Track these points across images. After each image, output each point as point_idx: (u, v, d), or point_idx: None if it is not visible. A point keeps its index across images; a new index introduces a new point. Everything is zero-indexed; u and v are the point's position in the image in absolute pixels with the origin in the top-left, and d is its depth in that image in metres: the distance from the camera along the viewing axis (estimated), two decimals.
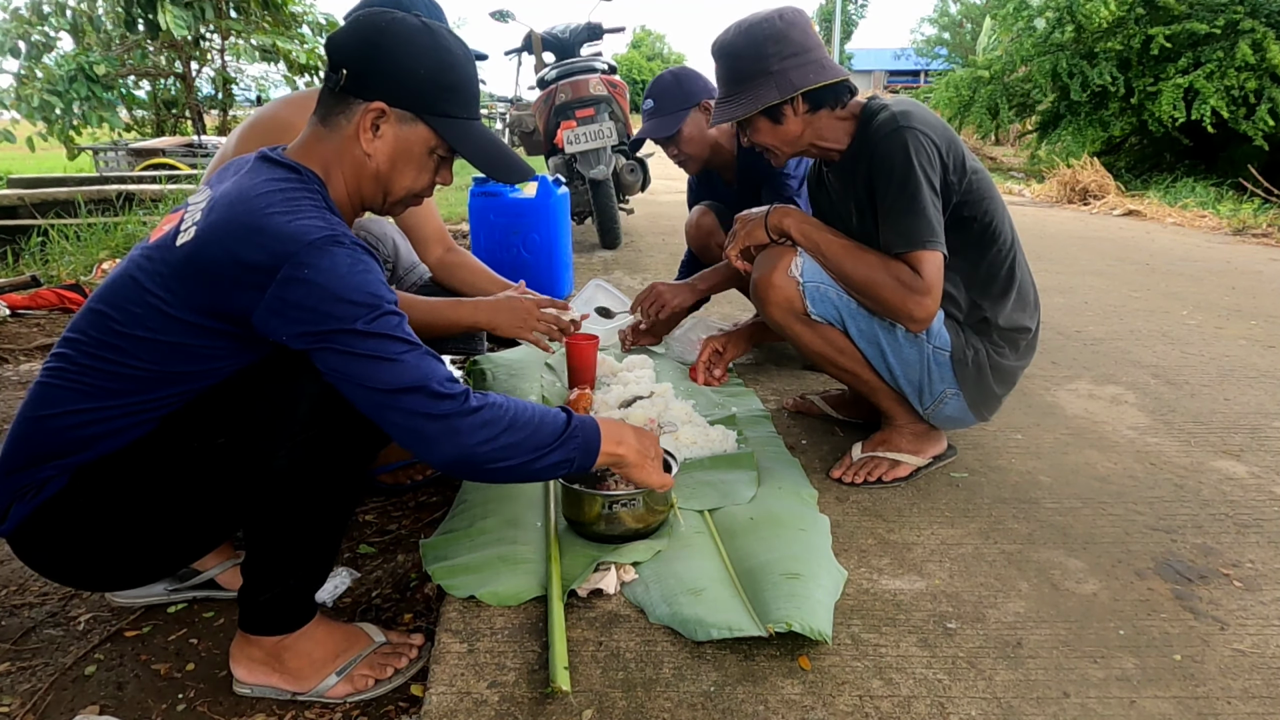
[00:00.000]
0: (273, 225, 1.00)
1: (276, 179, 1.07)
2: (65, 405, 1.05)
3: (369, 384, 1.00)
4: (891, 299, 1.54)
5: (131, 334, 1.04)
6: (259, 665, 1.18)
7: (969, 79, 9.88)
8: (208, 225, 1.03)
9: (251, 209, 1.02)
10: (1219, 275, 4.13)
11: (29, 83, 8.70)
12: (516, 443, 1.07)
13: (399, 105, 1.11)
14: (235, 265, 0.99)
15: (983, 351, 1.67)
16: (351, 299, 0.99)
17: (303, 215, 1.02)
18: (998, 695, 1.10)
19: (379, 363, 1.00)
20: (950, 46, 19.97)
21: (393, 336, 1.01)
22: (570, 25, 5.04)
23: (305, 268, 0.98)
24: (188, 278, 1.03)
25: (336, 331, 0.98)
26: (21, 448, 1.07)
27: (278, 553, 1.12)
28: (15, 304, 3.40)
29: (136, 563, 1.14)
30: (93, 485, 1.06)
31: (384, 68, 1.10)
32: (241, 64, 11.19)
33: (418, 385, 1.01)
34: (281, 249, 0.98)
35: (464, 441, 1.03)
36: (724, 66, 1.68)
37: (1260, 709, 1.09)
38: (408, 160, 1.15)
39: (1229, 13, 7.43)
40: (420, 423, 1.01)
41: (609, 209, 4.67)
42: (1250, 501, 1.68)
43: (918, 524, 1.57)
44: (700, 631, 1.19)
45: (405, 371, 1.00)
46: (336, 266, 0.99)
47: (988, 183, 1.64)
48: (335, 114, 1.13)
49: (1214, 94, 7.23)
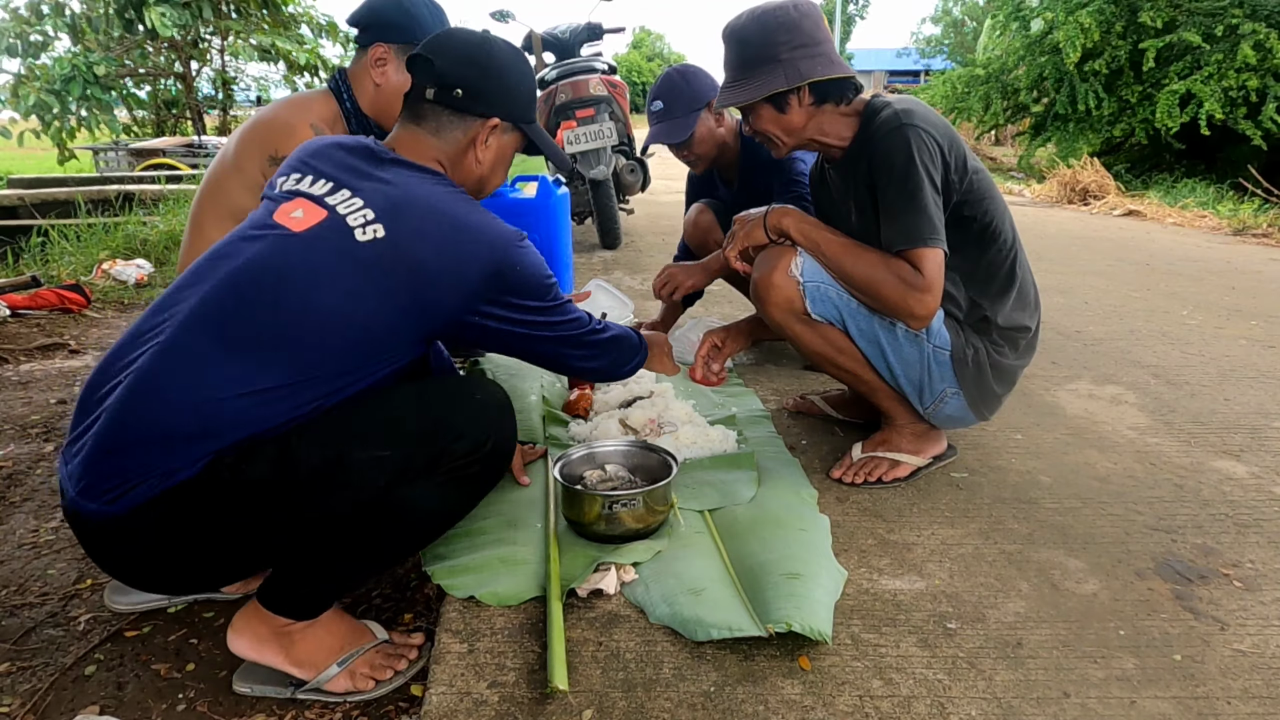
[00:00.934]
0: (481, 228, 1.17)
1: (438, 182, 1.22)
2: (212, 378, 1.02)
3: (556, 344, 1.29)
4: (892, 296, 1.54)
5: (307, 316, 1.07)
6: (264, 641, 1.17)
7: (966, 77, 9.92)
8: (404, 224, 1.12)
9: (454, 212, 1.17)
10: (1219, 275, 4.13)
11: (27, 82, 8.69)
12: (626, 355, 1.47)
13: (507, 119, 1.30)
14: (453, 265, 1.13)
15: (982, 350, 1.67)
16: (548, 285, 1.25)
17: (488, 216, 1.21)
18: (998, 695, 1.10)
19: (565, 324, 1.30)
20: (951, 46, 19.97)
21: (565, 304, 1.29)
22: (570, 25, 5.03)
23: (517, 265, 1.19)
24: (387, 273, 1.10)
25: (541, 306, 1.24)
26: (161, 422, 1.00)
27: (349, 562, 1.14)
28: (15, 304, 3.39)
29: (217, 566, 1.11)
30: (234, 473, 1.01)
31: (494, 87, 1.27)
32: (241, 64, 11.18)
33: (581, 335, 1.34)
34: (496, 250, 1.17)
35: (607, 359, 1.42)
36: (733, 51, 1.68)
37: (1260, 709, 1.09)
38: (502, 163, 1.34)
39: (1227, 16, 7.41)
40: (590, 354, 1.36)
41: (609, 209, 4.67)
42: (1250, 501, 1.68)
43: (918, 524, 1.57)
44: (700, 631, 1.19)
45: (577, 327, 1.32)
46: (534, 260, 1.22)
47: (989, 183, 1.64)
48: (450, 127, 1.26)
49: (1211, 97, 7.21)
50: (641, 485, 1.56)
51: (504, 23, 5.33)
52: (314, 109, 1.74)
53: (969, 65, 10.50)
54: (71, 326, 3.31)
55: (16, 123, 9.35)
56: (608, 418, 1.93)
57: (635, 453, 1.64)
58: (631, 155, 4.87)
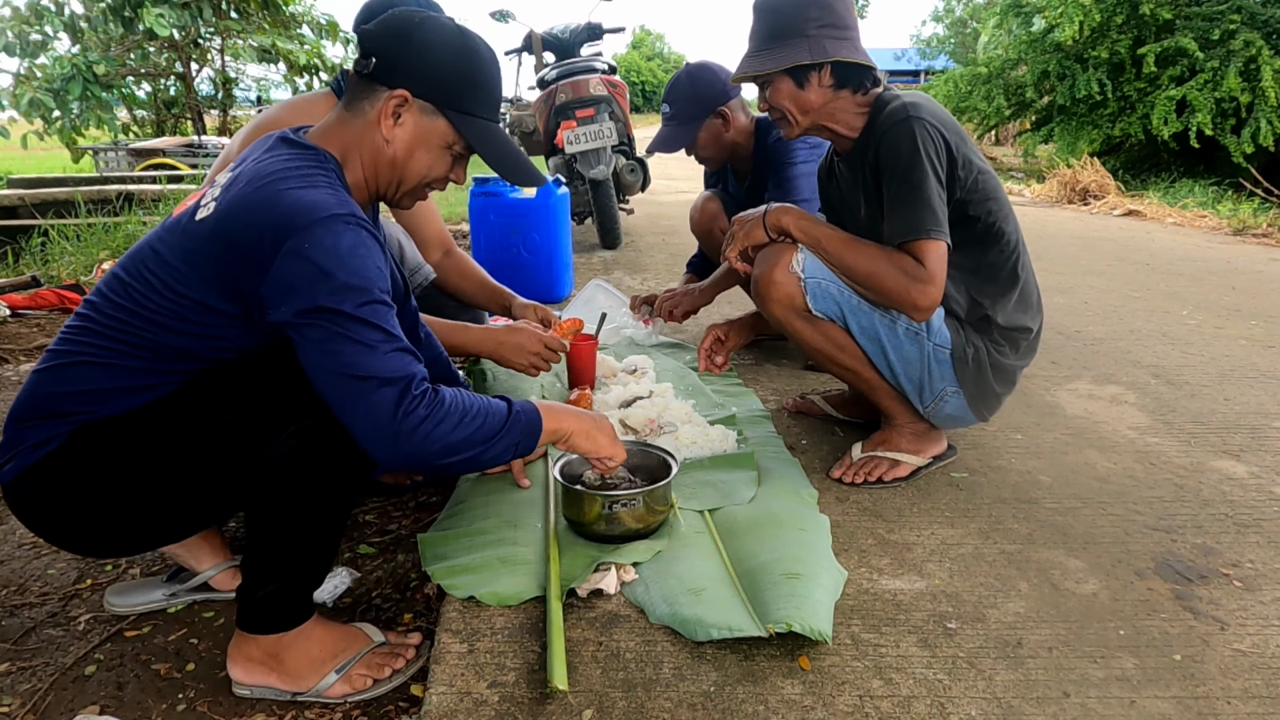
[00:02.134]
0: (285, 199, 1.03)
1: (293, 156, 1.11)
2: (82, 359, 1.09)
3: (344, 369, 1.01)
4: (895, 289, 1.54)
5: (147, 302, 1.08)
6: (257, 665, 1.18)
7: (969, 76, 9.93)
8: (227, 201, 1.07)
9: (266, 184, 1.05)
10: (1219, 275, 4.13)
11: (26, 82, 8.69)
12: (467, 437, 1.08)
13: (422, 96, 1.15)
14: (249, 238, 1.02)
15: (983, 350, 1.67)
16: (346, 280, 1.01)
17: (315, 189, 1.06)
18: (998, 695, 1.10)
19: (359, 348, 1.01)
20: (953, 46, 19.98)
21: (378, 326, 1.02)
22: (570, 25, 5.03)
23: (307, 242, 1.00)
24: (205, 252, 1.06)
25: (325, 310, 1.00)
26: (34, 401, 1.09)
27: (277, 545, 1.12)
28: (15, 304, 3.40)
29: (124, 530, 1.14)
30: (93, 444, 1.07)
31: (412, 59, 1.14)
32: (241, 64, 11.19)
33: (391, 379, 1.02)
34: (289, 222, 1.01)
35: (420, 443, 1.04)
36: (762, 21, 1.68)
37: (1260, 709, 1.09)
38: (425, 151, 1.18)
39: (1224, 22, 7.41)
40: (381, 416, 1.01)
41: (609, 209, 4.67)
42: (1250, 501, 1.68)
43: (918, 524, 1.57)
44: (700, 631, 1.19)
45: (382, 363, 1.02)
46: (338, 245, 1.01)
47: (995, 184, 1.65)
48: (359, 99, 1.16)
49: (1204, 108, 7.23)
50: (641, 485, 1.56)
51: (504, 22, 5.33)
52: (317, 110, 1.74)
53: (971, 64, 10.51)
54: None
55: (17, 122, 9.35)
56: (608, 418, 1.93)
57: (635, 453, 1.64)
58: (631, 155, 4.87)
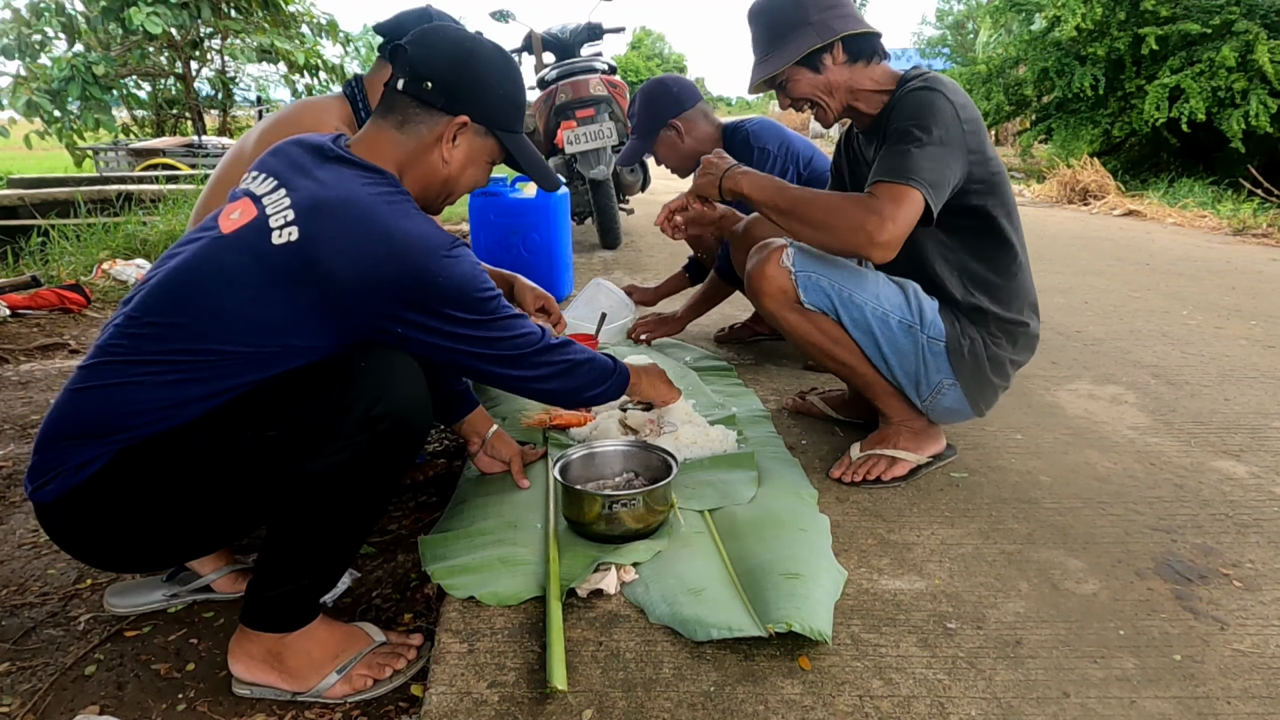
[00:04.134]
0: (395, 234, 1.10)
1: (371, 181, 1.15)
2: (131, 379, 1.07)
3: (493, 361, 1.23)
4: (849, 224, 1.48)
5: (217, 325, 1.07)
6: (258, 663, 1.18)
7: (968, 75, 9.95)
8: (319, 229, 1.08)
9: (365, 214, 1.10)
10: (1219, 275, 4.13)
11: (25, 83, 8.70)
12: (595, 379, 1.41)
13: (479, 120, 1.24)
14: (362, 273, 1.08)
15: (979, 341, 1.67)
16: (481, 299, 1.18)
17: (410, 219, 1.13)
18: (998, 695, 1.10)
19: (504, 340, 1.23)
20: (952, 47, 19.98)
21: (509, 318, 1.23)
22: (570, 25, 5.03)
23: (440, 275, 1.12)
24: (298, 282, 1.08)
25: (473, 319, 1.18)
26: (76, 421, 1.08)
27: (298, 552, 1.13)
28: (15, 304, 3.40)
29: (159, 546, 1.15)
30: (138, 463, 1.07)
31: (471, 85, 1.22)
32: (240, 64, 11.19)
33: (527, 352, 1.27)
34: (415, 261, 1.10)
35: (567, 382, 1.35)
36: (762, 24, 1.70)
37: (1260, 709, 1.09)
38: (474, 167, 1.29)
39: (1224, 13, 7.42)
40: (538, 373, 1.29)
41: (609, 209, 4.67)
42: (1250, 501, 1.68)
43: (918, 524, 1.57)
44: (700, 631, 1.19)
45: (523, 343, 1.26)
46: (465, 271, 1.15)
47: (1002, 179, 1.66)
48: (416, 121, 1.21)
49: (1198, 94, 7.24)
50: (641, 485, 1.56)
51: (504, 22, 5.33)
52: (331, 112, 1.77)
53: (970, 64, 10.52)
54: (71, 326, 3.31)
55: (17, 122, 9.35)
56: (608, 418, 1.93)
57: (635, 453, 1.64)
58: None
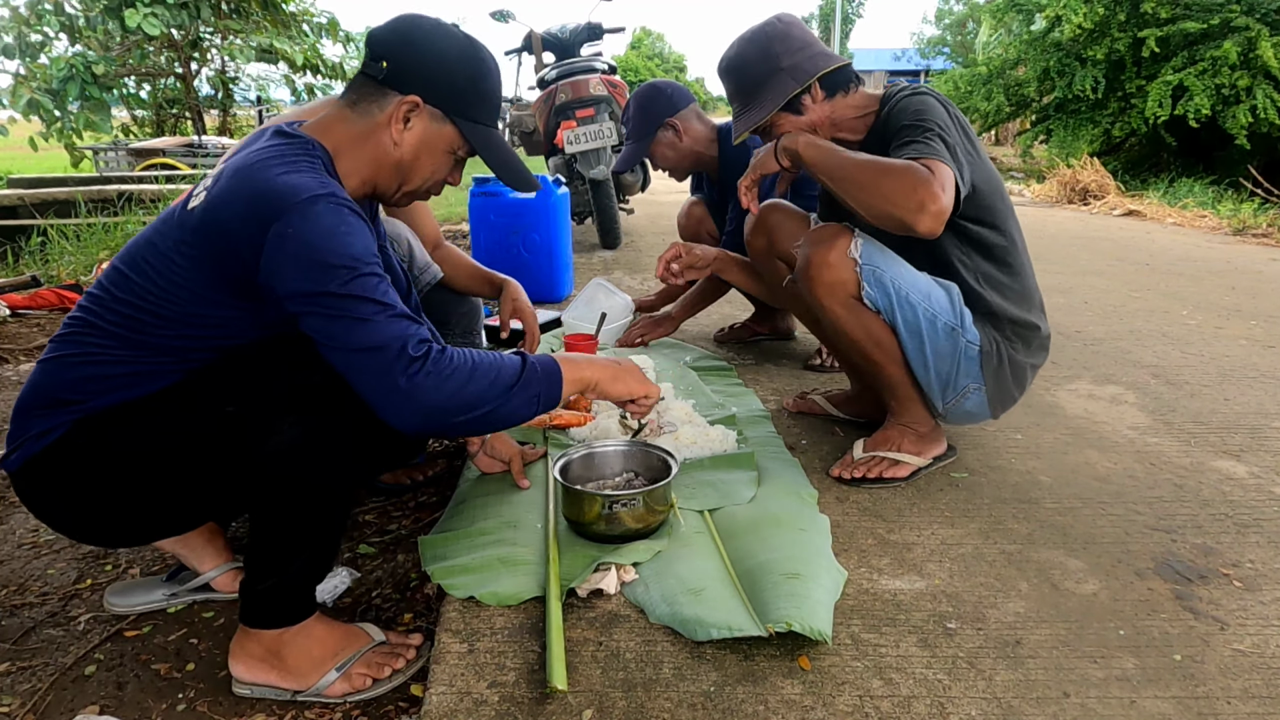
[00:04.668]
0: (265, 184, 1.04)
1: (280, 144, 1.12)
2: (85, 352, 1.11)
3: (342, 344, 1.03)
4: (904, 188, 1.42)
5: (147, 295, 1.10)
6: (257, 662, 1.18)
7: (969, 76, 9.96)
8: (216, 191, 1.08)
9: (252, 171, 1.06)
10: (1219, 275, 4.13)
11: (25, 83, 8.70)
12: (481, 392, 1.08)
13: (433, 103, 1.19)
14: (234, 226, 1.04)
15: (1001, 344, 1.68)
16: (329, 261, 1.02)
17: (295, 172, 1.06)
18: (998, 695, 1.10)
19: (349, 322, 1.02)
20: (952, 47, 19.99)
21: (366, 298, 1.03)
22: (570, 25, 5.03)
23: (290, 225, 1.01)
24: (196, 243, 1.08)
25: (314, 292, 1.02)
26: (38, 391, 1.12)
27: (277, 539, 1.13)
28: (15, 304, 3.40)
29: (127, 519, 1.16)
30: (95, 435, 1.09)
31: (425, 66, 1.18)
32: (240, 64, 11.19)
33: (384, 345, 1.03)
34: (270, 206, 1.02)
35: (432, 399, 1.04)
36: (736, 79, 1.73)
37: (1260, 709, 1.09)
38: (430, 155, 1.22)
39: (1225, 11, 7.43)
40: (389, 382, 1.03)
41: (609, 209, 4.67)
42: (1250, 501, 1.68)
43: (918, 524, 1.57)
44: (700, 631, 1.19)
45: (372, 331, 1.03)
46: (319, 226, 1.02)
47: (996, 181, 1.66)
48: (368, 101, 1.18)
49: (1202, 91, 7.24)
50: (641, 485, 1.56)
51: (504, 22, 5.33)
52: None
53: (970, 65, 10.53)
54: None
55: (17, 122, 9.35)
56: (608, 418, 1.93)
57: (635, 453, 1.64)
58: None
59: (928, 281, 1.66)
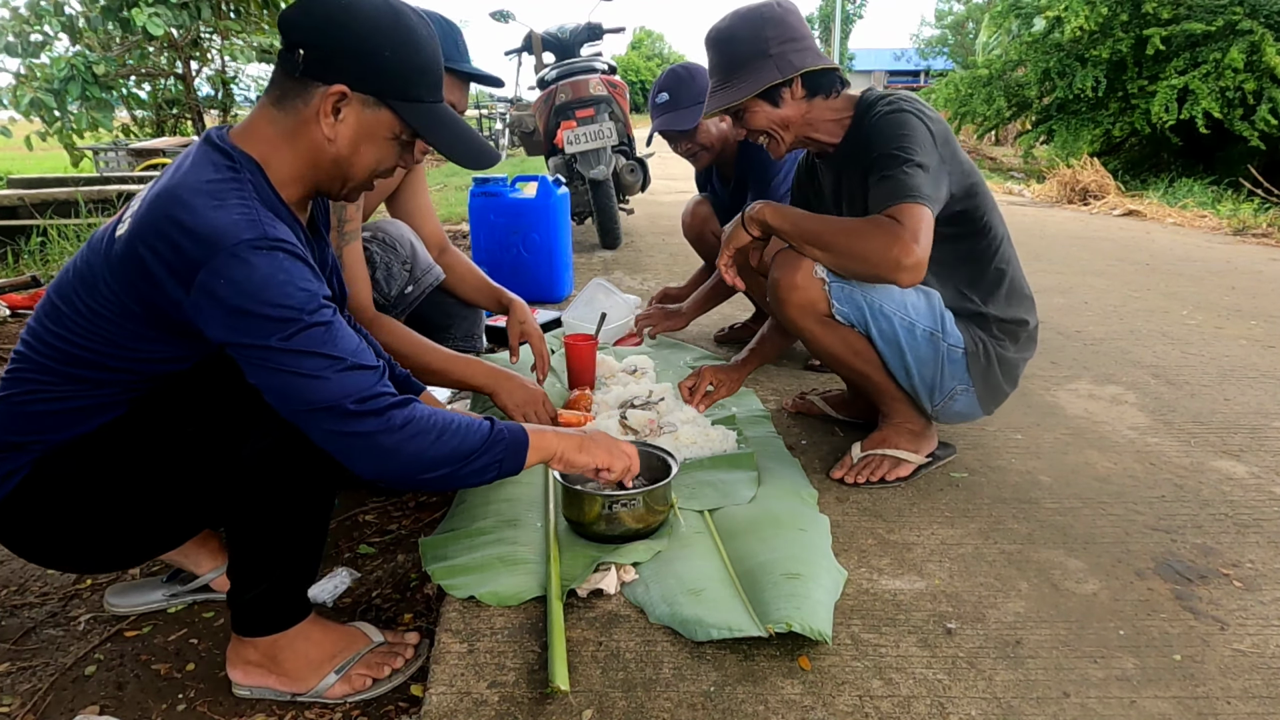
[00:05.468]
0: (190, 222, 0.95)
1: (205, 167, 1.02)
2: (28, 386, 1.05)
3: (292, 402, 0.98)
4: (876, 250, 1.46)
5: (76, 328, 1.03)
6: (255, 668, 1.18)
7: (969, 79, 9.95)
8: (136, 223, 1.00)
9: (173, 206, 0.97)
10: (1219, 275, 4.13)
11: (26, 82, 8.69)
12: (444, 454, 1.05)
13: (362, 89, 1.05)
14: (160, 271, 0.96)
15: (989, 344, 1.68)
16: (268, 314, 0.94)
17: (222, 207, 0.97)
18: (998, 695, 1.10)
19: (296, 378, 0.96)
20: (952, 47, 19.99)
21: (313, 353, 0.97)
22: (570, 25, 5.03)
23: (219, 276, 0.94)
24: (121, 279, 1.00)
25: (254, 346, 0.95)
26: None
27: (257, 547, 1.12)
28: (15, 304, 3.40)
29: (109, 547, 1.14)
30: (58, 471, 1.06)
31: (345, 48, 1.03)
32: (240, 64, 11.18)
33: (333, 404, 0.97)
34: (197, 250, 0.94)
35: (389, 458, 1.01)
36: (721, 52, 1.69)
37: (1260, 709, 1.09)
38: (370, 145, 1.09)
39: (1227, 14, 7.43)
40: (342, 440, 1.00)
41: (609, 209, 4.67)
42: (1250, 501, 1.68)
43: (918, 524, 1.57)
44: (700, 631, 1.19)
45: (322, 389, 0.97)
46: (254, 275, 0.94)
47: (978, 180, 1.66)
48: (291, 96, 1.05)
49: (1208, 95, 7.24)
50: (641, 485, 1.56)
51: (504, 22, 5.34)
52: None
53: (970, 66, 10.53)
54: None
55: (17, 122, 9.34)
56: (608, 418, 1.93)
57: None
58: (631, 155, 4.87)
59: (903, 290, 1.65)
